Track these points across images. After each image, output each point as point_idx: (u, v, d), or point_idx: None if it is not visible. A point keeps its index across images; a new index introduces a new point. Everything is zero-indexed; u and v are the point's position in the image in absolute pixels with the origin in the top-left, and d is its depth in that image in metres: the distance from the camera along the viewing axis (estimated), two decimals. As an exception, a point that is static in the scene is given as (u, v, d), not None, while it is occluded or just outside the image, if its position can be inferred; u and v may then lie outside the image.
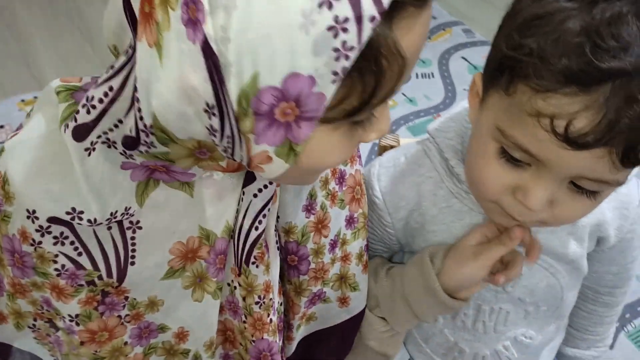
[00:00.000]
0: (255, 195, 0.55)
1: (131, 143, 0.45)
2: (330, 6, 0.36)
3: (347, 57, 0.38)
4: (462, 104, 0.67)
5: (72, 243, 0.51)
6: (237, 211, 0.56)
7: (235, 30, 0.37)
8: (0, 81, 2.12)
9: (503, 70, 0.51)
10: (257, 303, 0.60)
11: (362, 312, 0.71)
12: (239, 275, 0.59)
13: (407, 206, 0.68)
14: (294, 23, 0.36)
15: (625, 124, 0.46)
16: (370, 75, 0.40)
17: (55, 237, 0.50)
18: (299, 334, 0.70)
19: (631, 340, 1.35)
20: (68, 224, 0.50)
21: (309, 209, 0.63)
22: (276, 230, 0.61)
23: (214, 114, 0.40)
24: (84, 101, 0.45)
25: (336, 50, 0.37)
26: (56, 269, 0.52)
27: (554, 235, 0.66)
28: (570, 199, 0.55)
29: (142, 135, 0.44)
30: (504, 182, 0.55)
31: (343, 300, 0.70)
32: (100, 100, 0.44)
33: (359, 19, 0.37)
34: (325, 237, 0.65)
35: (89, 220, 0.49)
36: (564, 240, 0.67)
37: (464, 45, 2.18)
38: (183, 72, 0.38)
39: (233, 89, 0.39)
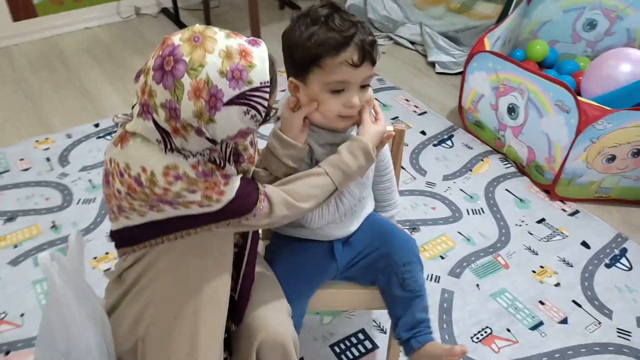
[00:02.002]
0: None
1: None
2: (246, 103, 0.93)
3: (260, 117, 0.96)
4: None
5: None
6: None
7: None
8: (18, 128, 2.62)
9: (312, 62, 1.09)
10: None
11: None
12: None
13: None
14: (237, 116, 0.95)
15: (367, 50, 1.07)
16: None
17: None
18: None
19: (473, 273, 1.91)
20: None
21: None
22: None
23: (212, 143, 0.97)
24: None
25: (253, 117, 0.95)
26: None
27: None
28: (364, 93, 1.12)
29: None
30: (339, 104, 1.11)
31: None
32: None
33: (260, 111, 0.95)
34: (246, 141, 1.16)
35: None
36: None
37: (376, 90, 2.85)
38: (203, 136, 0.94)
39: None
